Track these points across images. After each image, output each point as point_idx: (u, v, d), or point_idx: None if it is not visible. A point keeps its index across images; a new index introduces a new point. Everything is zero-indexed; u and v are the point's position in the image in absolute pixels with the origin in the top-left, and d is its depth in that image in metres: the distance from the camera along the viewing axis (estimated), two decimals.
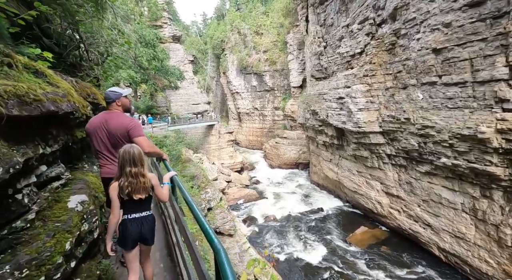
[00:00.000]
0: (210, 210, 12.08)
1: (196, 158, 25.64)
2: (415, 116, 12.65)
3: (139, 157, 2.31)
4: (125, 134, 2.82)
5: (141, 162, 2.33)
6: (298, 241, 17.35)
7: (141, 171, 2.31)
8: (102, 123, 2.78)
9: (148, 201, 2.46)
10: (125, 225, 2.34)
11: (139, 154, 2.32)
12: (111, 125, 2.77)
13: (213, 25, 62.77)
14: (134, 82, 24.68)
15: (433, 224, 13.66)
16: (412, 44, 12.35)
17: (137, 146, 2.38)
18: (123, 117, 2.93)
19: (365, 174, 18.46)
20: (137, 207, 2.37)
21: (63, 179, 2.17)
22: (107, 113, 2.90)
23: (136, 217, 2.36)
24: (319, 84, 23.66)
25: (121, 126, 2.81)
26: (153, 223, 2.51)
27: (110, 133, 2.77)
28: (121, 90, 3.04)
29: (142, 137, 2.95)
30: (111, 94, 2.95)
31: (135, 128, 2.89)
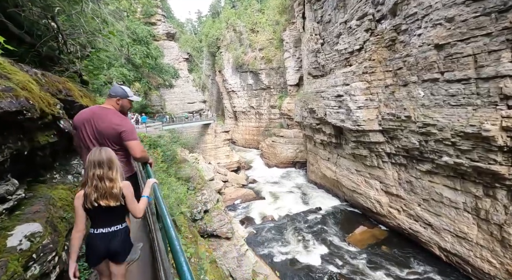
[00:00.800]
0: (207, 213, 11.65)
1: (191, 158, 25.14)
2: (416, 114, 12.37)
3: (107, 160, 2.07)
4: (116, 136, 2.60)
5: (109, 165, 2.07)
6: (297, 242, 17.04)
7: (109, 175, 2.06)
8: (92, 118, 2.53)
9: (120, 212, 2.17)
10: (90, 240, 2.08)
11: (108, 157, 2.08)
12: (101, 124, 2.54)
13: (208, 22, 62.01)
14: (127, 80, 23.99)
15: (434, 224, 13.44)
16: (413, 40, 12.04)
17: (108, 150, 2.12)
18: (115, 117, 2.67)
19: (364, 173, 18.20)
20: (106, 219, 2.10)
21: (10, 200, 1.70)
22: (100, 108, 2.66)
23: (104, 233, 2.08)
24: (317, 82, 23.33)
25: (112, 127, 2.58)
26: (126, 238, 2.22)
27: (99, 132, 2.54)
28: (130, 93, 2.86)
29: (135, 141, 2.72)
30: (119, 90, 2.78)
31: (128, 131, 2.64)
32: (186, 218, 5.19)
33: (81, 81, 7.65)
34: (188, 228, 5.07)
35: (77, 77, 3.83)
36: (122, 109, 2.84)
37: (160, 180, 7.07)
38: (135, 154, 2.73)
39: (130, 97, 2.87)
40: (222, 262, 9.57)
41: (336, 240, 16.96)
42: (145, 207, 2.43)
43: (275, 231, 18.58)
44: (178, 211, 3.54)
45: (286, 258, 15.40)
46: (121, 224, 2.21)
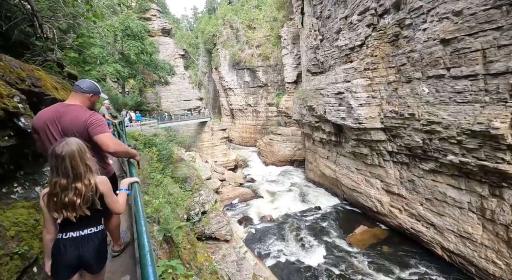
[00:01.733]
0: (205, 214, 11.19)
1: (188, 157, 24.62)
2: (420, 112, 12.02)
3: (70, 163, 1.71)
4: (83, 131, 2.29)
5: (74, 169, 1.73)
6: (296, 242, 16.69)
7: (74, 183, 1.74)
8: (55, 117, 2.23)
9: (96, 214, 1.91)
10: (57, 247, 1.78)
11: (71, 157, 1.71)
12: (66, 120, 2.25)
13: (204, 19, 61.13)
14: (121, 77, 23.32)
15: (437, 224, 13.17)
16: (417, 35, 11.65)
17: (70, 145, 1.74)
18: (82, 111, 2.36)
19: (364, 171, 17.89)
20: (78, 222, 1.81)
21: None
22: (63, 105, 2.34)
23: (74, 238, 1.80)
24: (316, 79, 22.90)
25: (78, 122, 2.28)
26: (102, 243, 1.94)
27: (64, 129, 2.23)
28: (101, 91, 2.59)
29: (106, 134, 2.39)
30: (93, 85, 2.49)
31: (95, 124, 2.33)
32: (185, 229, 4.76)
33: (69, 76, 7.09)
34: (186, 237, 4.64)
35: (55, 66, 3.33)
36: (92, 107, 2.54)
37: (156, 182, 6.60)
38: (107, 148, 2.37)
39: (102, 96, 2.63)
40: (221, 266, 9.14)
41: (336, 240, 16.65)
42: (125, 201, 2.20)
43: (274, 231, 18.21)
44: (176, 226, 3.13)
45: (286, 259, 15.04)
46: (97, 226, 1.92)
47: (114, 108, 20.85)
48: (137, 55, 23.60)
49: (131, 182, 2.52)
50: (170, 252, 2.96)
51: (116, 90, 28.50)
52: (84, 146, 1.84)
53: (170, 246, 3.11)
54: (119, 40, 22.04)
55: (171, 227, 3.01)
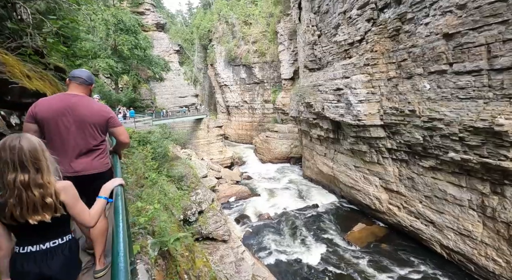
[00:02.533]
0: (202, 214, 10.87)
1: (184, 154, 24.19)
2: (421, 108, 11.83)
3: (31, 155, 1.47)
4: (102, 122, 2.37)
5: (36, 163, 1.49)
6: (294, 241, 16.49)
7: (36, 179, 1.49)
8: (67, 108, 2.20)
9: (60, 222, 1.62)
10: (14, 263, 1.51)
11: (31, 150, 1.47)
12: (83, 110, 2.25)
13: (199, 14, 60.14)
14: (114, 72, 22.69)
15: (436, 221, 13.07)
16: (419, 30, 11.40)
17: (28, 137, 1.52)
18: (97, 103, 2.47)
19: (362, 169, 17.73)
20: (38, 232, 1.54)
21: None
22: (73, 95, 2.30)
23: (35, 252, 1.53)
24: (313, 75, 22.60)
25: (98, 113, 2.35)
26: (71, 257, 1.66)
27: (80, 121, 2.23)
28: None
29: (122, 127, 2.58)
30: (91, 75, 2.48)
31: (115, 117, 2.49)
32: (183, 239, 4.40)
33: (56, 69, 6.62)
34: (184, 243, 4.33)
35: (32, 53, 2.93)
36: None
37: (149, 182, 6.23)
38: (124, 140, 2.59)
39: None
40: (219, 267, 8.86)
41: (335, 238, 16.49)
42: (101, 212, 1.88)
43: (272, 229, 17.97)
44: (173, 238, 2.81)
45: (285, 258, 14.83)
46: (63, 237, 1.65)
47: (108, 104, 20.27)
48: (130, 50, 22.93)
49: (114, 186, 2.12)
50: (166, 269, 2.64)
51: (109, 86, 27.81)
52: (43, 144, 1.57)
53: (167, 261, 2.78)
54: (111, 34, 21.35)
55: (167, 239, 2.68)
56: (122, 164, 5.90)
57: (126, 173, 5.05)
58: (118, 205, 1.87)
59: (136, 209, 2.82)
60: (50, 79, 3.02)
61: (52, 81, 3.05)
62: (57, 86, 3.12)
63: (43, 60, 3.75)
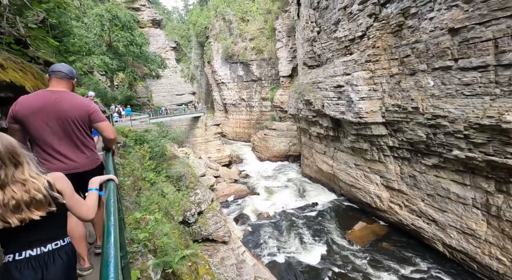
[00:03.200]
0: (201, 214, 10.56)
1: (181, 153, 23.82)
2: (424, 105, 11.60)
3: (6, 150, 1.34)
4: (85, 117, 2.30)
5: (14, 158, 1.37)
6: (294, 240, 16.27)
7: (18, 175, 1.36)
8: (48, 104, 2.13)
9: (55, 220, 1.48)
10: (9, 273, 1.33)
11: (7, 145, 1.36)
12: (65, 106, 2.19)
13: (196, 11, 59.39)
14: (109, 69, 22.15)
15: (439, 220, 12.92)
16: (423, 25, 11.13)
17: (2, 135, 1.39)
18: (80, 97, 2.38)
19: (363, 167, 17.53)
20: (30, 235, 1.40)
21: None
22: (54, 92, 2.22)
23: (33, 257, 1.38)
24: (312, 72, 22.30)
25: (80, 108, 2.27)
26: (71, 261, 1.54)
27: (62, 117, 2.18)
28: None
29: (106, 122, 2.48)
30: (71, 69, 2.38)
31: (97, 111, 2.40)
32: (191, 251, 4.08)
33: (46, 63, 6.23)
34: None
35: (12, 41, 2.58)
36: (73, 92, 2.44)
37: (147, 183, 5.90)
38: (109, 135, 2.50)
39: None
40: (220, 270, 8.57)
41: (335, 237, 16.31)
42: (97, 204, 1.77)
43: (272, 228, 17.75)
44: (178, 256, 2.51)
45: (285, 258, 14.61)
46: (62, 239, 1.52)
47: (103, 102, 19.79)
48: (126, 46, 22.42)
49: (104, 180, 2.03)
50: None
51: (104, 84, 27.23)
52: (15, 141, 1.43)
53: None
54: (106, 30, 20.80)
55: (172, 258, 2.36)
56: (118, 165, 5.57)
57: (123, 175, 4.71)
58: (110, 203, 1.71)
59: (134, 220, 2.50)
60: (34, 71, 2.69)
61: (36, 74, 2.71)
62: (42, 80, 2.78)
63: (28, 51, 3.40)
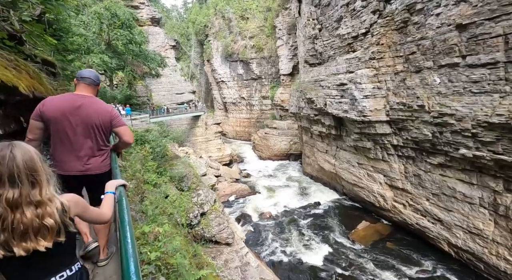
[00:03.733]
0: (204, 215, 10.35)
1: (182, 152, 23.59)
2: (430, 103, 11.39)
3: (25, 167, 1.17)
4: (107, 122, 2.41)
5: (32, 176, 1.19)
6: (297, 240, 16.10)
7: (32, 196, 1.18)
8: (75, 108, 2.25)
9: (62, 250, 1.30)
10: None
11: (27, 160, 1.18)
12: (90, 111, 2.30)
13: (195, 8, 58.95)
14: (108, 68, 21.83)
15: (444, 219, 12.75)
16: (429, 21, 10.90)
17: (23, 146, 1.22)
18: (103, 103, 2.51)
19: (366, 166, 17.35)
20: (37, 268, 1.23)
21: None
22: (80, 96, 2.34)
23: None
24: (314, 70, 22.06)
25: (104, 113, 2.38)
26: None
27: (87, 122, 2.29)
28: None
29: (126, 127, 2.58)
30: (98, 75, 2.52)
31: (119, 117, 2.53)
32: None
33: (44, 62, 5.99)
34: (192, 260, 3.85)
35: (5, 37, 2.36)
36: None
37: (151, 187, 5.69)
38: (129, 140, 2.59)
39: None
40: (224, 273, 8.38)
41: (338, 237, 16.14)
42: (113, 205, 1.78)
43: (274, 228, 17.58)
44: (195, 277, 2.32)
45: (288, 259, 14.44)
46: (72, 266, 1.37)
47: None
48: (125, 45, 22.10)
49: (119, 184, 2.05)
50: None
51: (103, 83, 26.93)
52: (37, 154, 1.27)
53: None
54: (105, 28, 20.49)
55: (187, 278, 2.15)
56: (120, 168, 5.36)
57: (125, 178, 4.51)
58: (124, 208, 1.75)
59: (141, 233, 2.30)
60: (30, 70, 2.48)
61: (32, 73, 2.50)
62: (39, 79, 2.57)
63: (24, 49, 3.18)
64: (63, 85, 6.83)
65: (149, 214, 2.99)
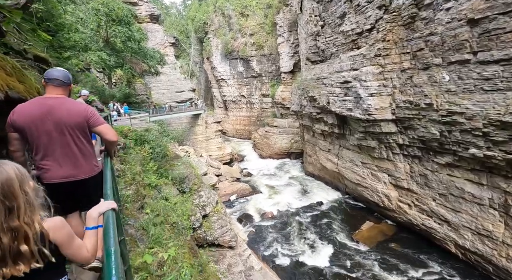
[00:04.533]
0: (206, 218, 10.03)
1: (182, 151, 23.24)
2: (439, 101, 11.05)
3: (2, 193, 1.14)
4: (83, 122, 2.25)
5: (8, 201, 1.15)
6: (300, 241, 15.82)
7: (7, 222, 1.14)
8: (45, 111, 2.09)
9: (45, 276, 1.23)
10: None
11: (4, 182, 1.14)
12: (62, 113, 2.14)
13: (194, 5, 58.30)
14: (107, 66, 21.42)
15: (451, 220, 12.46)
16: (439, 16, 10.53)
17: (10, 165, 1.20)
18: (76, 103, 2.32)
19: (370, 165, 17.03)
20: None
21: None
22: (49, 98, 2.17)
23: None
24: (316, 68, 21.69)
25: (77, 114, 2.21)
26: None
27: (58, 123, 2.12)
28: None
29: (106, 125, 2.45)
30: (67, 74, 2.31)
31: (95, 115, 2.34)
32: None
33: (36, 59, 5.68)
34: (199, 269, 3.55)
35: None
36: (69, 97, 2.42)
37: (150, 191, 5.34)
38: (111, 137, 2.48)
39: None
40: (227, 278, 8.08)
41: (342, 237, 15.86)
42: (96, 244, 1.56)
43: (276, 229, 17.29)
44: None
45: (291, 260, 14.16)
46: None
47: (101, 100, 19.14)
48: (123, 42, 21.66)
49: (101, 212, 1.72)
50: None
51: (102, 81, 26.50)
52: (25, 172, 1.26)
53: None
54: (103, 25, 20.04)
55: None
56: (118, 171, 5.03)
57: (124, 184, 4.16)
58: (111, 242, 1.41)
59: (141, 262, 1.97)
60: (8, 65, 2.13)
61: (10, 69, 2.16)
62: (20, 77, 2.23)
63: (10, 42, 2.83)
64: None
65: (151, 233, 2.66)
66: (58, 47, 9.34)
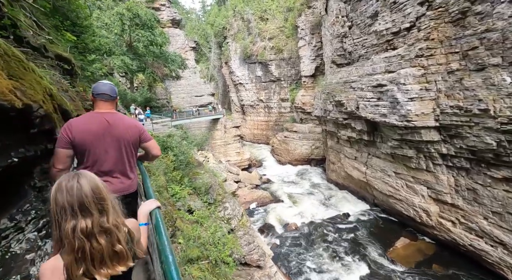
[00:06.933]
0: (232, 232, 9.20)
1: (201, 156, 22.74)
2: (497, 107, 9.66)
3: (93, 195, 1.20)
4: (136, 138, 2.29)
5: (100, 204, 1.21)
6: (328, 257, 14.60)
7: (103, 223, 1.21)
8: (105, 129, 2.10)
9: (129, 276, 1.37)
10: None
11: (94, 188, 1.21)
12: (120, 128, 2.17)
13: (214, 11, 58.83)
14: (129, 70, 21.42)
15: (509, 243, 10.86)
16: (498, 9, 9.24)
17: (88, 175, 1.25)
18: (129, 118, 2.44)
19: (405, 176, 15.58)
20: None
21: None
22: (103, 114, 2.16)
23: None
24: (342, 71, 20.55)
25: (133, 129, 2.25)
26: None
27: (119, 141, 2.16)
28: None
29: (153, 141, 2.46)
30: (114, 88, 2.30)
31: (146, 131, 2.39)
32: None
33: (58, 58, 5.08)
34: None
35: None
36: None
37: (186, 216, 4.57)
38: (157, 153, 2.54)
39: None
40: None
41: (375, 255, 14.48)
42: (146, 240, 1.66)
43: (301, 242, 16.16)
44: None
45: (321, 278, 12.99)
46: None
47: (122, 104, 19.04)
48: (146, 46, 21.60)
49: (151, 209, 1.82)
50: None
51: (124, 85, 26.72)
52: (101, 181, 1.29)
53: None
54: (126, 29, 20.06)
55: None
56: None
57: None
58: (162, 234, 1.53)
59: None
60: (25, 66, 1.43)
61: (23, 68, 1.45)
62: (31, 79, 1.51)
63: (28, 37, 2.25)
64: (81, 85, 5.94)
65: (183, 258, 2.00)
66: (82, 50, 8.95)
